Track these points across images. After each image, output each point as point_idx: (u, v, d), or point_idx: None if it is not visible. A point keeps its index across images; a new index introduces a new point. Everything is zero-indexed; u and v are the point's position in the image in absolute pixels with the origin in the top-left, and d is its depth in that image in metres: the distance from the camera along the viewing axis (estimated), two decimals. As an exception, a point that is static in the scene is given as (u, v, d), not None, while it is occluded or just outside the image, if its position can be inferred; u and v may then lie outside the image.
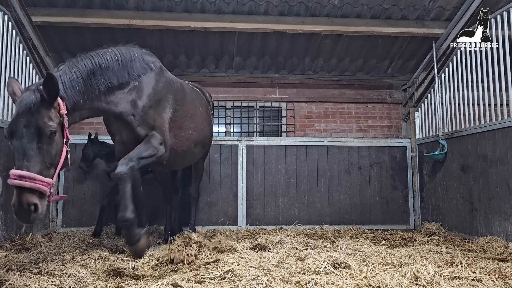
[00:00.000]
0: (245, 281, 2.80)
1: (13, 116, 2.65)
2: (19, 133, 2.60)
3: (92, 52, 3.31)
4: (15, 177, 2.52)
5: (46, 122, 2.68)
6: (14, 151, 2.63)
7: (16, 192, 2.54)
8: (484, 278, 2.89)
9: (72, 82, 3.03)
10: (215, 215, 6.26)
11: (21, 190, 2.53)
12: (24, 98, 2.68)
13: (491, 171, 4.86)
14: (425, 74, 6.77)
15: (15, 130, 2.61)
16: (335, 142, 6.64)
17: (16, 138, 2.62)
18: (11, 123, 2.64)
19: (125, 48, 3.55)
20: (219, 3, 6.03)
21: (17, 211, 2.54)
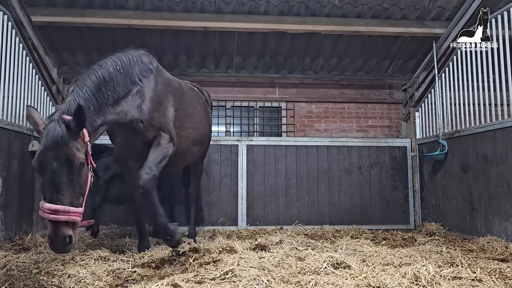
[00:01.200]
0: (245, 281, 2.80)
1: (41, 149, 2.59)
2: (49, 167, 2.57)
3: (95, 66, 3.28)
4: (50, 211, 2.50)
5: (75, 154, 2.67)
6: (44, 183, 2.60)
7: (51, 226, 2.54)
8: (485, 278, 2.89)
9: (87, 103, 3.01)
10: (215, 215, 6.25)
11: (57, 223, 2.53)
12: (51, 130, 2.62)
13: (491, 171, 4.86)
14: (425, 74, 6.76)
15: (45, 165, 2.57)
16: (335, 142, 6.64)
17: (46, 172, 2.58)
18: (39, 157, 2.58)
19: (123, 55, 3.54)
20: (219, 3, 6.02)
21: (53, 244, 2.55)
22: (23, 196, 5.01)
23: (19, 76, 5.01)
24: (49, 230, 2.54)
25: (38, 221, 5.48)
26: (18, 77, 5.00)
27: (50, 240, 2.55)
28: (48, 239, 2.56)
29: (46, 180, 2.58)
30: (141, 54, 3.75)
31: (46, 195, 2.59)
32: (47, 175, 2.57)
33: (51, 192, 2.57)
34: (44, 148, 2.58)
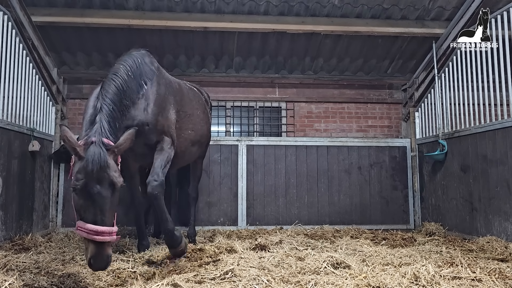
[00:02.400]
0: (245, 281, 2.80)
1: (84, 172, 2.61)
2: (93, 190, 2.60)
3: (111, 75, 3.26)
4: (96, 233, 2.55)
5: (117, 177, 2.74)
6: (86, 205, 2.62)
7: (95, 246, 2.57)
8: (484, 278, 2.89)
9: (117, 122, 3.05)
10: (215, 215, 6.25)
11: (101, 244, 2.59)
12: (94, 155, 2.64)
13: (491, 171, 4.86)
14: (425, 74, 6.76)
15: (89, 188, 2.60)
16: (335, 142, 6.64)
17: (89, 195, 2.61)
18: (83, 180, 2.60)
19: (129, 58, 3.53)
20: (219, 3, 6.02)
21: (97, 263, 2.60)
22: (23, 196, 5.01)
23: (19, 76, 5.01)
24: (92, 250, 2.58)
25: (38, 221, 5.49)
26: (18, 77, 5.00)
27: (93, 260, 2.59)
28: (92, 259, 2.58)
29: (90, 203, 2.61)
30: (143, 55, 3.74)
31: (88, 216, 2.61)
32: (90, 198, 2.61)
33: (94, 214, 2.61)
34: (87, 172, 2.60)
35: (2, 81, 4.58)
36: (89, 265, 2.62)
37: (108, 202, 2.67)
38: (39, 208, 5.53)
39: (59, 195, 6.11)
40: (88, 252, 2.60)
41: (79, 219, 2.62)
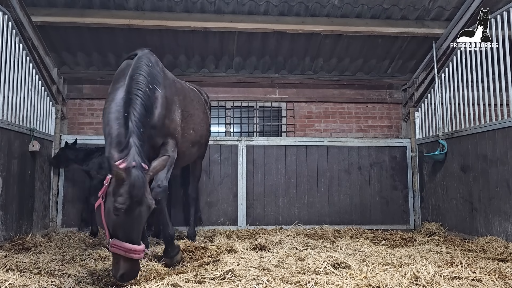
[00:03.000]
0: (245, 281, 2.80)
1: (128, 195, 2.68)
2: (135, 211, 2.72)
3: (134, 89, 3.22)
4: (135, 252, 2.68)
5: (151, 199, 2.87)
6: (125, 224, 2.71)
7: (129, 263, 2.71)
8: (484, 278, 2.89)
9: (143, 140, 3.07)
10: (215, 215, 6.25)
11: (135, 261, 2.74)
12: (138, 178, 2.73)
13: (491, 171, 4.86)
14: (425, 74, 6.76)
15: (132, 210, 2.71)
16: (335, 142, 6.64)
17: (131, 215, 2.71)
18: (128, 203, 2.68)
19: (143, 64, 3.47)
20: (219, 3, 6.02)
21: (129, 277, 2.75)
22: (23, 196, 5.01)
23: (19, 76, 5.01)
24: (126, 267, 2.69)
25: (38, 221, 5.49)
26: (18, 77, 5.00)
27: (127, 276, 2.71)
28: (125, 275, 2.70)
29: (130, 224, 2.72)
30: (150, 57, 3.68)
31: (125, 236, 2.71)
32: (131, 220, 2.72)
33: (132, 234, 2.73)
34: (131, 195, 2.69)
35: (2, 81, 4.58)
36: (120, 279, 2.73)
37: (144, 223, 2.86)
38: (39, 208, 5.53)
39: (59, 195, 6.11)
40: (119, 268, 2.70)
41: (113, 237, 2.72)
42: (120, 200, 2.67)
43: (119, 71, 3.70)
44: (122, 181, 2.70)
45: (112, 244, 2.69)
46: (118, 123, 3.07)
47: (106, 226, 2.76)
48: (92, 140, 6.32)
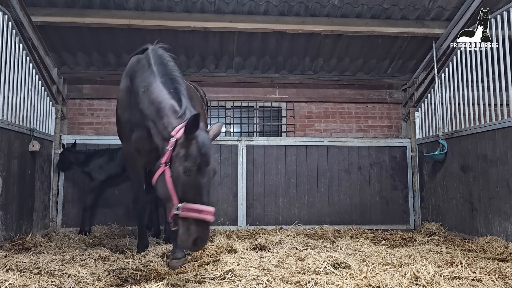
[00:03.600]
0: (245, 281, 2.80)
1: (198, 151, 2.71)
2: (205, 170, 2.73)
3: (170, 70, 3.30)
4: (208, 213, 2.66)
5: (215, 161, 2.90)
6: (201, 186, 2.71)
7: (204, 227, 2.67)
8: (484, 278, 2.89)
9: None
10: (215, 215, 6.22)
11: (208, 223, 2.70)
12: (206, 137, 2.82)
13: (491, 171, 4.86)
14: (425, 74, 6.76)
15: (202, 168, 2.72)
16: (335, 142, 6.64)
17: (201, 174, 2.72)
18: (199, 158, 2.70)
19: (159, 51, 3.52)
20: (219, 3, 6.02)
21: (203, 242, 2.71)
22: (23, 196, 5.01)
23: (19, 76, 5.01)
24: (200, 230, 2.64)
25: (38, 221, 5.49)
26: (18, 77, 5.00)
27: (201, 240, 2.65)
28: (199, 239, 2.64)
29: (201, 183, 2.71)
30: (161, 49, 3.67)
31: (199, 198, 2.69)
32: (202, 178, 2.72)
33: (202, 194, 2.71)
34: (201, 153, 2.71)
35: (2, 81, 4.58)
36: (192, 246, 2.66)
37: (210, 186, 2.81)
38: (39, 208, 5.53)
39: (59, 195, 6.11)
40: (191, 233, 2.62)
41: (182, 201, 2.66)
42: (191, 160, 2.68)
43: (133, 64, 3.62)
44: (191, 142, 2.72)
45: (183, 208, 2.63)
46: (167, 98, 3.07)
47: (174, 191, 2.71)
48: (92, 140, 6.33)
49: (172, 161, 2.77)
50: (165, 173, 2.77)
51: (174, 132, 2.81)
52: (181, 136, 2.76)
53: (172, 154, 2.78)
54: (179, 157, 2.73)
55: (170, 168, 2.76)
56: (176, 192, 2.70)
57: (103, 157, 5.75)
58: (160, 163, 2.83)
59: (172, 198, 2.71)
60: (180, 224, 2.69)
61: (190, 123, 2.70)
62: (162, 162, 2.81)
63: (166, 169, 2.77)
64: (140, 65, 3.49)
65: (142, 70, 3.42)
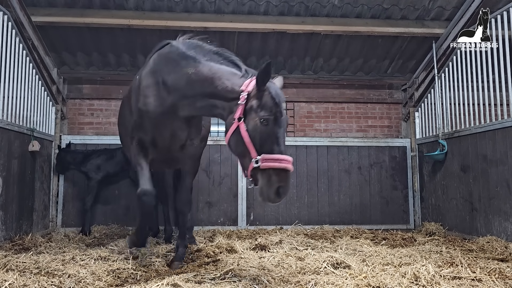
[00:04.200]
0: (245, 281, 2.80)
1: (273, 101, 2.72)
2: (281, 119, 2.73)
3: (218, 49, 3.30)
4: (288, 162, 2.64)
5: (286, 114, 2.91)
6: (274, 133, 2.70)
7: (286, 176, 2.64)
8: (484, 278, 2.89)
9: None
10: (215, 215, 6.25)
11: (289, 173, 2.67)
12: (278, 88, 2.83)
13: (491, 171, 4.86)
14: (425, 74, 6.76)
15: (279, 117, 2.72)
16: (335, 142, 6.63)
17: (278, 123, 2.71)
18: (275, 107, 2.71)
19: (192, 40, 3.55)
20: (219, 3, 6.02)
21: (285, 191, 2.67)
22: (23, 196, 5.01)
23: (19, 76, 5.01)
24: (282, 180, 2.62)
25: (38, 221, 5.49)
26: (18, 77, 5.00)
27: (283, 189, 2.64)
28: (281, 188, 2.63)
29: (278, 132, 2.71)
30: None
31: (275, 146, 2.68)
32: (279, 127, 2.71)
33: (280, 143, 2.70)
34: (276, 102, 2.72)
35: (2, 81, 4.59)
36: (275, 196, 2.65)
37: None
38: (39, 208, 5.53)
39: (59, 195, 6.11)
40: (273, 183, 2.62)
41: (260, 154, 2.65)
42: (267, 109, 2.69)
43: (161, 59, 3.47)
44: (265, 92, 2.72)
45: (263, 159, 2.62)
46: (222, 67, 3.06)
47: (252, 144, 2.69)
48: (92, 140, 6.33)
49: (246, 114, 2.76)
50: (239, 127, 2.75)
51: (243, 86, 2.82)
52: (253, 89, 2.76)
53: (245, 108, 2.77)
54: (254, 109, 2.73)
55: (245, 122, 2.75)
56: (253, 145, 2.69)
57: (101, 156, 5.76)
58: (232, 120, 2.81)
59: (250, 151, 2.70)
60: (260, 177, 2.69)
61: (262, 72, 2.70)
62: (235, 118, 2.79)
63: (240, 124, 2.76)
64: (171, 57, 3.37)
65: (176, 60, 3.30)
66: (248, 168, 2.74)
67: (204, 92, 3.06)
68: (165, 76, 3.30)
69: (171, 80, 3.24)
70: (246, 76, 2.91)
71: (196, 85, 3.10)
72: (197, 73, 3.09)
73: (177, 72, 3.21)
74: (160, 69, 3.38)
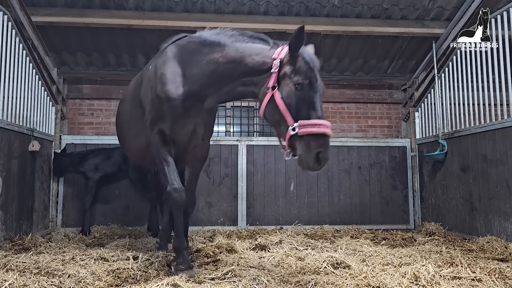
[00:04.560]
0: (245, 281, 2.80)
1: (308, 65, 2.69)
2: (316, 84, 2.69)
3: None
4: (327, 127, 2.57)
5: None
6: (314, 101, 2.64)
7: (324, 139, 2.56)
8: (484, 278, 2.89)
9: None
10: (215, 215, 6.25)
11: (328, 138, 2.59)
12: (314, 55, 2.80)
13: (491, 171, 4.86)
14: (425, 74, 6.76)
15: (314, 81, 2.67)
16: (335, 142, 6.63)
17: (314, 88, 2.67)
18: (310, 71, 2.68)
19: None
20: (219, 3, 6.02)
21: (325, 158, 2.57)
22: (23, 196, 5.01)
23: (19, 76, 5.01)
24: (319, 143, 2.54)
25: (38, 221, 5.49)
26: (18, 77, 5.00)
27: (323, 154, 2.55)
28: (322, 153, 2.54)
29: (318, 99, 2.67)
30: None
31: (313, 111, 2.62)
32: (315, 92, 2.66)
33: (317, 108, 2.63)
34: (310, 66, 2.70)
35: (2, 81, 4.59)
36: (315, 163, 2.55)
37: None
38: (39, 208, 5.53)
39: (59, 195, 6.11)
40: (312, 149, 2.53)
41: (297, 120, 2.59)
42: (302, 74, 2.65)
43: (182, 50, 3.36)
44: (298, 58, 2.69)
45: (300, 125, 2.56)
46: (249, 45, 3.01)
47: (288, 111, 2.64)
48: (92, 140, 6.33)
49: (280, 81, 2.73)
50: (274, 96, 2.71)
51: (275, 55, 2.78)
52: (286, 55, 2.73)
53: (278, 76, 2.73)
54: (288, 74, 2.69)
55: (279, 89, 2.71)
56: (289, 112, 2.64)
57: (98, 156, 5.77)
58: (266, 90, 2.77)
59: (287, 119, 2.64)
60: (298, 145, 2.61)
61: (295, 38, 2.66)
62: (269, 87, 2.75)
63: (274, 93, 2.71)
64: (192, 46, 3.29)
65: (198, 49, 3.22)
66: (285, 137, 2.66)
67: (233, 74, 3.00)
68: (187, 66, 3.22)
69: (194, 69, 3.16)
70: (275, 48, 2.87)
71: (224, 69, 3.03)
72: (225, 56, 3.03)
73: (201, 60, 3.14)
74: (181, 59, 3.29)
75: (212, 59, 3.07)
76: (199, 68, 3.14)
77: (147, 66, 3.82)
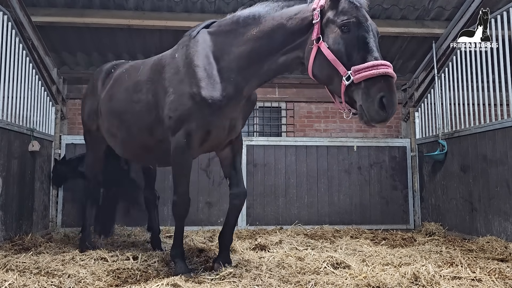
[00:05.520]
0: (245, 281, 2.80)
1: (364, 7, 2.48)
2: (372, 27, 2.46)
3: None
4: (386, 65, 2.29)
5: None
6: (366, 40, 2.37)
7: (387, 82, 2.28)
8: (484, 278, 2.90)
9: None
10: (215, 215, 6.25)
11: (392, 79, 2.32)
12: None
13: (491, 171, 4.86)
14: (425, 74, 6.76)
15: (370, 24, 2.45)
16: (335, 142, 6.63)
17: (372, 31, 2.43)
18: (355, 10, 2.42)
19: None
20: (219, 3, 6.02)
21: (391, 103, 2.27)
22: (23, 196, 5.01)
23: (19, 76, 5.01)
24: (383, 86, 2.25)
25: (38, 221, 5.49)
26: (18, 77, 5.00)
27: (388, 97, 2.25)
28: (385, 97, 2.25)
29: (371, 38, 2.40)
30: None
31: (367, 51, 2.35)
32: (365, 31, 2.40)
33: (371, 46, 2.37)
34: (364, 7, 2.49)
35: (2, 81, 4.58)
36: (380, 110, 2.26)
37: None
38: (39, 208, 5.53)
39: (59, 195, 6.11)
40: (375, 94, 2.25)
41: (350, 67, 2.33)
42: (347, 13, 2.39)
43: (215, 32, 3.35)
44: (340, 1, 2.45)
45: (354, 71, 2.29)
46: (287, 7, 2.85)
47: (337, 60, 2.38)
48: (92, 140, 6.31)
49: (324, 29, 2.50)
50: (320, 48, 2.48)
51: (314, 5, 2.57)
52: (325, 2, 2.52)
53: (321, 25, 2.51)
54: (331, 19, 2.46)
55: (324, 40, 2.48)
56: (340, 60, 2.38)
57: None
58: (310, 46, 2.55)
59: (338, 69, 2.38)
60: (356, 96, 2.33)
61: None
62: (313, 39, 2.53)
63: (320, 44, 2.49)
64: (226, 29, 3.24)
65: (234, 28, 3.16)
66: (341, 91, 2.39)
67: (273, 47, 2.79)
68: (222, 55, 3.03)
69: (231, 55, 2.97)
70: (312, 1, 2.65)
71: (262, 44, 2.83)
72: (262, 29, 2.85)
73: (237, 44, 2.97)
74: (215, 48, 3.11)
75: (250, 36, 2.88)
76: (236, 53, 2.94)
77: (170, 54, 3.49)
